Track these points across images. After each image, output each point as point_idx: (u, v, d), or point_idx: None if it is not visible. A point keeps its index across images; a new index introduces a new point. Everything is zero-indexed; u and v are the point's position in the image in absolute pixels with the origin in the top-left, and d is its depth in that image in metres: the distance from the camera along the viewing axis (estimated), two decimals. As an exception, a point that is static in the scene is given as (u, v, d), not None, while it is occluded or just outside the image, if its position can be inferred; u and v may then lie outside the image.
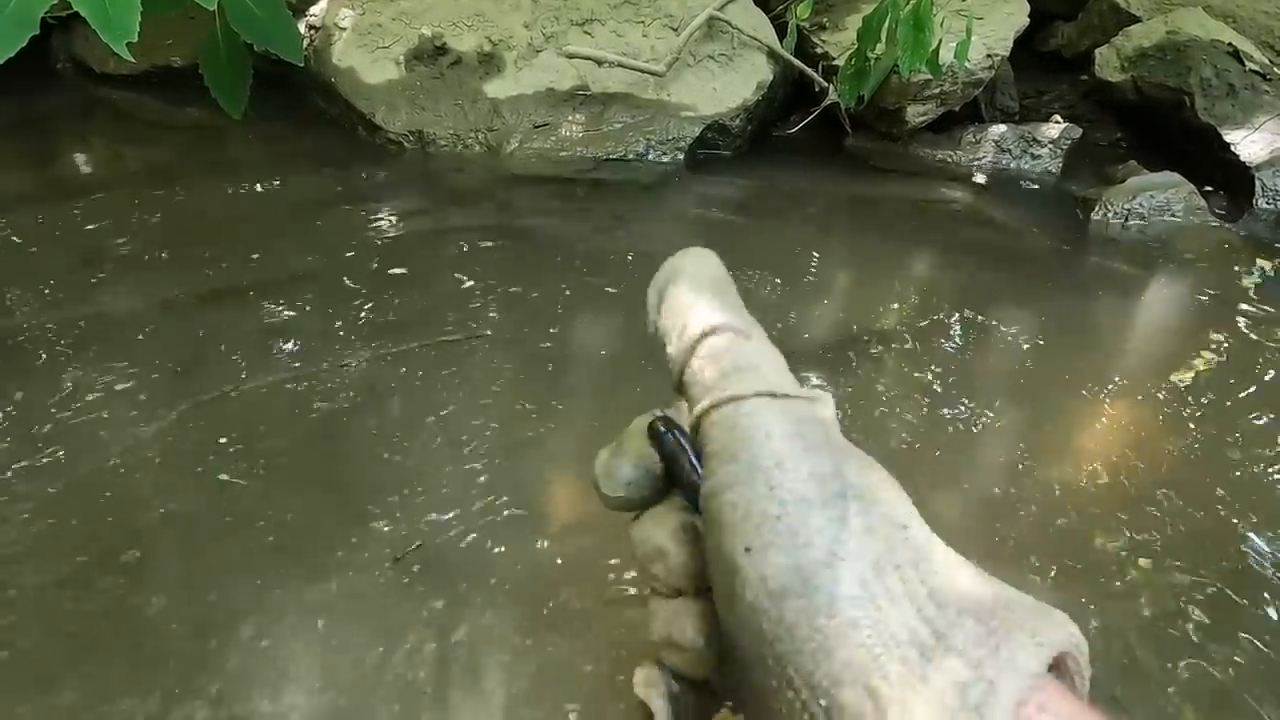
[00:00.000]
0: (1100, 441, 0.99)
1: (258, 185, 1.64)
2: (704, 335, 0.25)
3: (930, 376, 1.09)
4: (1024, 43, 1.88)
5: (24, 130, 1.83)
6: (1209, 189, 1.71)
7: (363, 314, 1.15)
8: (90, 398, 0.96)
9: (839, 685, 0.19)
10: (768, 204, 1.70)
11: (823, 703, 0.19)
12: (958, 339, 1.19)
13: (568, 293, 1.25)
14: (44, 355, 1.04)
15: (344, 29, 1.83)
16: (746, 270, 1.34)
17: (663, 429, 0.27)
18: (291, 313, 1.15)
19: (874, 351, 1.14)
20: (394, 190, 1.63)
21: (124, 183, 1.59)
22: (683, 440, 0.27)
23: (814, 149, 1.91)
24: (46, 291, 1.17)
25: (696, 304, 0.26)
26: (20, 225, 1.39)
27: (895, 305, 1.28)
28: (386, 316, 1.15)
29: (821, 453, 0.23)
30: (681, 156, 1.76)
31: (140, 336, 1.08)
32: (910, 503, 0.23)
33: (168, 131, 1.88)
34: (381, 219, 1.48)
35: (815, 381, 1.08)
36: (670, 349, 0.26)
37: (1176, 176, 1.63)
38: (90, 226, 1.39)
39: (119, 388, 0.98)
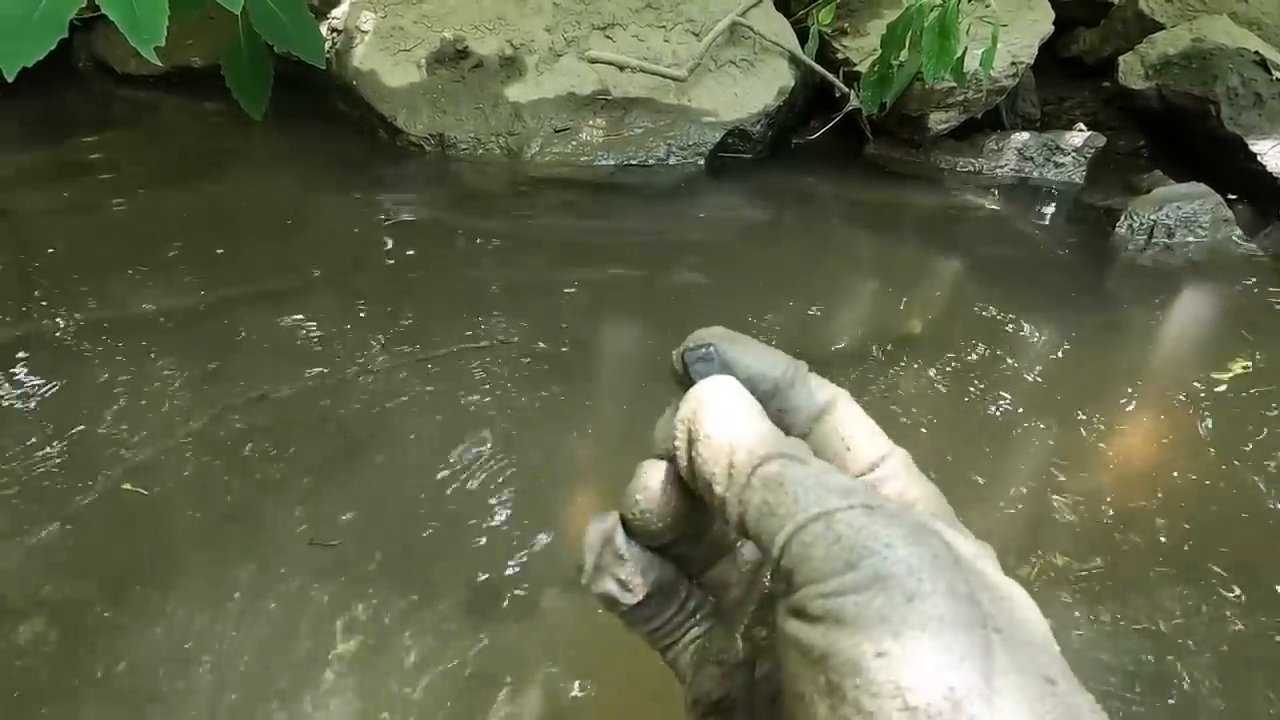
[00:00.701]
0: (1122, 454, 0.98)
1: (279, 187, 1.65)
2: (756, 468, 0.24)
3: (952, 385, 1.08)
4: (1045, 48, 1.86)
5: (46, 129, 1.84)
6: (1231, 197, 1.69)
7: (387, 318, 1.15)
8: (121, 400, 0.96)
9: None
10: (789, 210, 1.69)
11: None
12: (980, 348, 1.18)
13: (590, 298, 1.25)
14: (70, 357, 1.04)
15: (366, 32, 1.83)
16: (768, 277, 1.34)
17: (694, 354, 0.27)
18: (316, 317, 1.15)
19: (896, 360, 1.13)
20: (415, 194, 1.63)
21: (144, 183, 1.60)
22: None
23: (834, 155, 1.90)
24: (70, 293, 1.18)
25: (736, 436, 0.25)
26: (42, 226, 1.40)
27: (917, 314, 1.27)
28: (411, 321, 1.15)
29: (952, 570, 0.21)
30: (702, 162, 1.76)
31: (167, 339, 1.09)
32: (1054, 649, 0.21)
33: (188, 132, 1.88)
34: (403, 222, 1.48)
35: (840, 387, 1.07)
36: (720, 489, 0.24)
37: (1203, 187, 1.61)
38: (112, 228, 1.40)
39: (145, 393, 0.98)
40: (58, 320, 1.11)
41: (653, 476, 0.27)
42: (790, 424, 0.28)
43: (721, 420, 0.25)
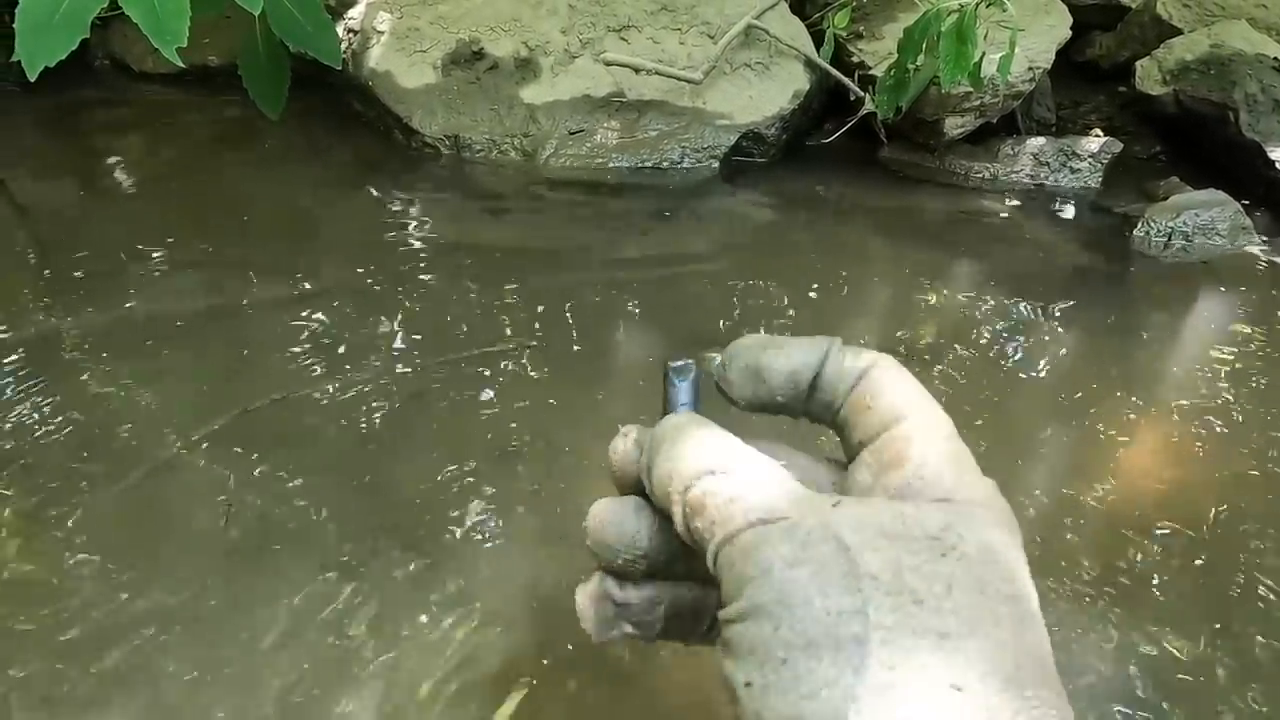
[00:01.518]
0: (1138, 462, 0.98)
1: (295, 187, 1.65)
2: (685, 492, 0.24)
3: (965, 391, 1.08)
4: (1061, 53, 1.86)
5: (63, 127, 1.86)
6: (1246, 202, 1.68)
7: (402, 321, 1.16)
8: (134, 405, 0.97)
9: None
10: (802, 213, 1.69)
11: None
12: (994, 355, 1.18)
13: (604, 302, 1.25)
14: (86, 356, 1.05)
15: (382, 33, 1.83)
16: (780, 280, 1.33)
17: (673, 368, 0.28)
18: (332, 318, 1.15)
19: (909, 365, 1.13)
20: (430, 195, 1.64)
21: (160, 182, 1.61)
22: (682, 383, 0.28)
23: (848, 158, 1.90)
24: (86, 291, 1.18)
25: (674, 466, 0.25)
26: (59, 223, 1.41)
27: (930, 319, 1.27)
28: (426, 323, 1.15)
29: (836, 584, 0.20)
30: (716, 164, 1.76)
31: (183, 339, 1.09)
32: (1000, 644, 0.19)
33: (204, 131, 1.89)
34: (418, 224, 1.48)
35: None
36: (675, 520, 0.25)
37: (1221, 194, 1.60)
38: (128, 227, 1.41)
39: (162, 395, 0.99)
40: (74, 318, 1.12)
41: (607, 516, 0.28)
42: (830, 399, 0.28)
43: (666, 455, 0.25)
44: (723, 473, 0.23)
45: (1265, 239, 1.61)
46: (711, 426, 0.26)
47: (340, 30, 1.87)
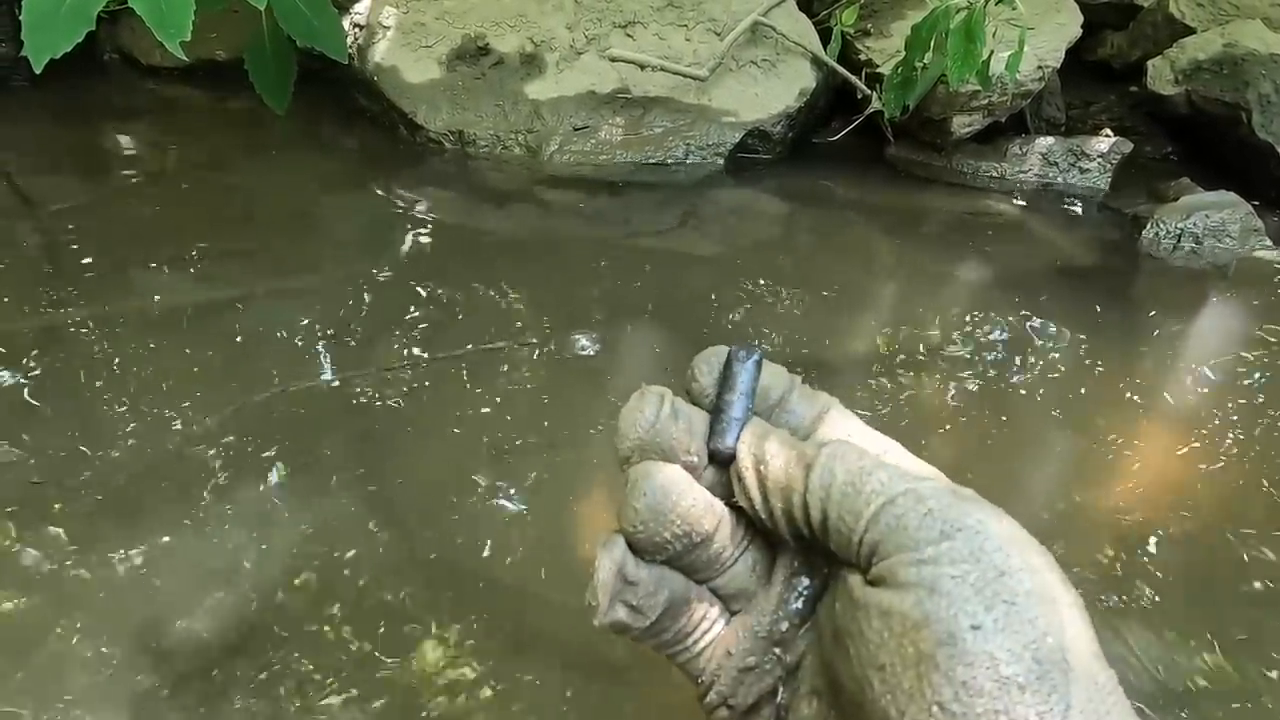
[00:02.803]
0: (1146, 465, 0.97)
1: (300, 181, 1.66)
2: (822, 450, 0.26)
3: (971, 393, 1.07)
4: (1072, 51, 1.84)
5: (71, 121, 1.86)
6: (1256, 203, 1.66)
7: (405, 316, 1.16)
8: (142, 394, 0.97)
9: None
10: (808, 212, 1.68)
11: None
12: (1000, 356, 1.17)
13: (607, 299, 1.24)
14: (91, 349, 1.05)
15: (388, 27, 1.83)
16: (785, 279, 1.33)
17: (737, 353, 0.29)
18: (334, 313, 1.15)
19: (914, 366, 1.12)
20: (434, 190, 1.64)
21: (167, 176, 1.61)
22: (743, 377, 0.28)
23: (854, 157, 1.89)
24: (92, 284, 1.19)
25: (796, 445, 0.27)
26: (66, 217, 1.41)
27: (937, 321, 1.26)
28: (428, 319, 1.15)
29: (1032, 547, 0.22)
30: (721, 162, 1.75)
31: (188, 332, 1.09)
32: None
33: (211, 124, 1.90)
34: (422, 219, 1.48)
35: (859, 394, 1.06)
36: (798, 485, 0.26)
37: (1233, 196, 1.58)
38: (135, 220, 1.41)
39: (165, 387, 0.99)
40: (79, 311, 1.12)
41: (656, 482, 0.27)
42: (794, 429, 0.29)
43: (782, 447, 0.27)
44: (863, 452, 0.26)
45: (1276, 240, 1.59)
46: (864, 451, 0.27)
47: (346, 25, 1.87)
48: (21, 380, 0.98)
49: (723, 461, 0.28)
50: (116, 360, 1.03)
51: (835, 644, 0.23)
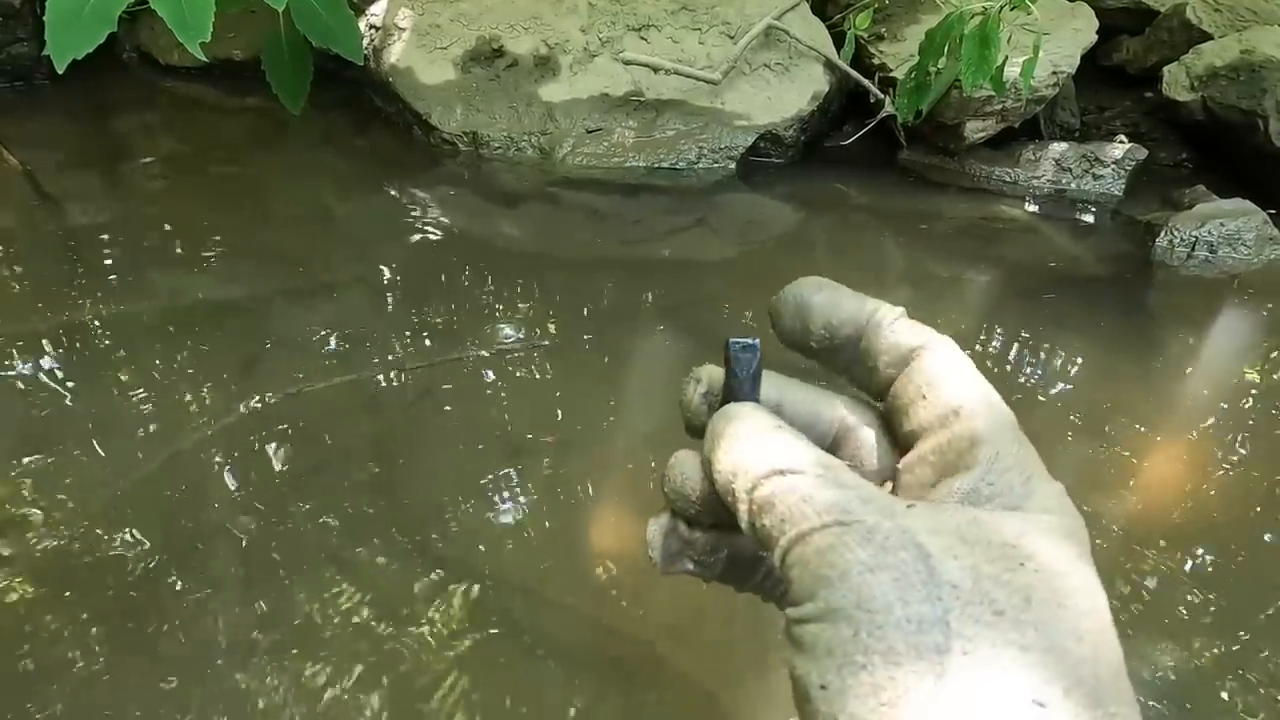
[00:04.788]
0: (1156, 475, 0.97)
1: (315, 181, 1.67)
2: (753, 491, 0.23)
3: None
4: (1087, 56, 1.83)
5: (91, 120, 1.89)
6: (1273, 211, 1.64)
7: (418, 317, 1.17)
8: (159, 392, 0.98)
9: None
10: (819, 215, 1.68)
11: None
12: (1011, 363, 1.17)
13: (618, 301, 1.25)
14: (108, 347, 1.07)
15: (403, 29, 1.84)
16: (799, 286, 1.33)
17: (737, 349, 0.27)
18: (348, 314, 1.17)
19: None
20: (447, 192, 1.65)
21: (184, 175, 1.63)
22: (745, 369, 0.27)
23: (866, 161, 1.89)
24: (110, 283, 1.21)
25: (739, 462, 0.24)
26: (85, 215, 1.43)
27: (947, 326, 1.25)
28: (441, 320, 1.16)
29: (916, 591, 0.19)
30: (733, 165, 1.75)
31: (203, 331, 1.11)
32: (1080, 658, 0.19)
33: (228, 125, 1.92)
34: (435, 220, 1.49)
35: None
36: (739, 516, 0.24)
37: (1248, 204, 1.57)
38: (152, 219, 1.43)
39: (181, 385, 1.00)
40: (98, 307, 1.14)
41: (683, 469, 0.27)
42: (873, 372, 0.27)
43: (728, 449, 0.25)
44: (792, 472, 0.23)
45: (1292, 250, 1.58)
46: (775, 420, 0.25)
47: (362, 26, 1.89)
48: (40, 376, 1.00)
49: None
50: (134, 358, 1.05)
51: None
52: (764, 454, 0.24)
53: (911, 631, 0.19)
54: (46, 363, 1.02)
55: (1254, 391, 1.14)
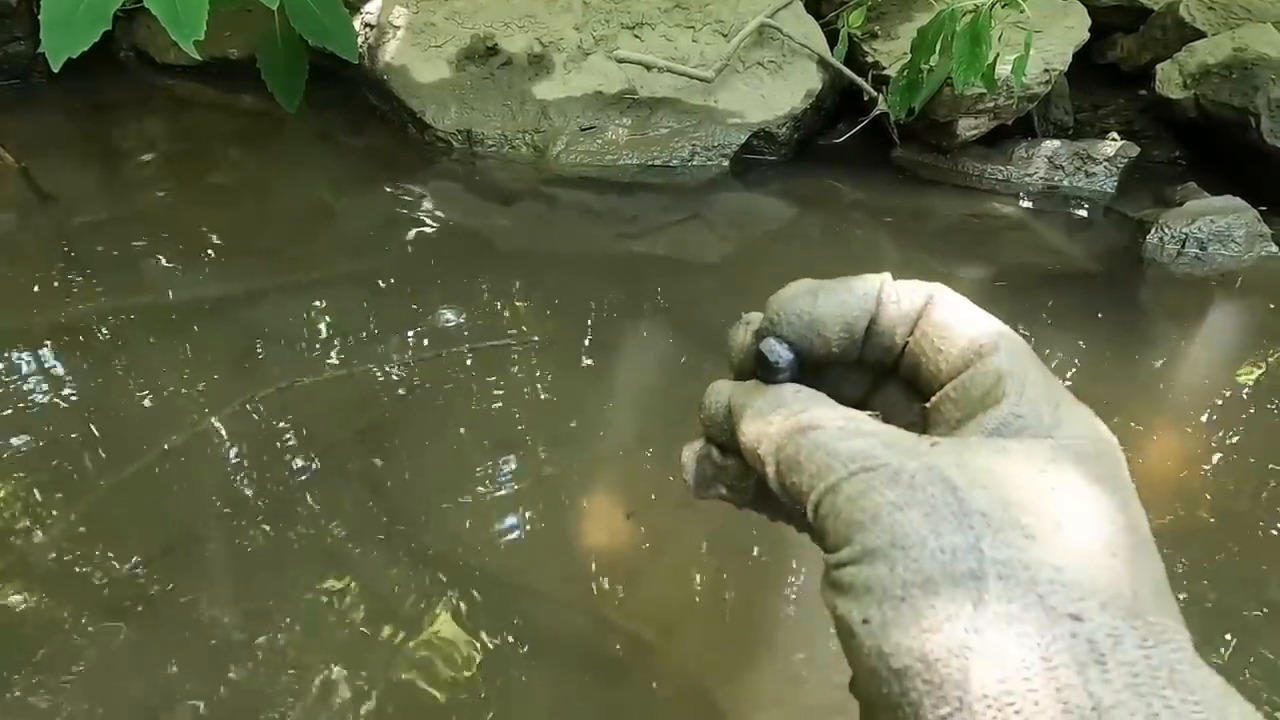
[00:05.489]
0: (1148, 471, 0.97)
1: (309, 179, 1.68)
2: (778, 452, 0.24)
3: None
4: (1080, 54, 1.83)
5: (88, 118, 1.89)
6: (1264, 209, 1.65)
7: (411, 314, 1.17)
8: (156, 387, 0.99)
9: None
10: (812, 213, 1.69)
11: None
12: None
13: (612, 299, 1.26)
14: (104, 342, 1.07)
15: (398, 27, 1.85)
16: (790, 280, 1.33)
17: (769, 338, 0.27)
18: (341, 310, 1.17)
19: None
20: (442, 189, 1.65)
21: (180, 172, 1.64)
22: (779, 351, 0.27)
23: (860, 158, 1.89)
24: (106, 279, 1.21)
25: (763, 433, 0.25)
26: (82, 212, 1.44)
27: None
28: (434, 317, 1.17)
29: (947, 522, 0.20)
30: (727, 163, 1.76)
31: (198, 327, 1.12)
32: (1117, 574, 0.19)
33: (224, 122, 1.92)
34: (429, 218, 1.50)
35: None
36: (766, 470, 0.25)
37: (1239, 201, 1.58)
38: (148, 216, 1.44)
39: (176, 380, 1.01)
40: (93, 305, 1.15)
41: (718, 396, 0.28)
42: (889, 344, 0.28)
43: (752, 417, 0.26)
44: (815, 428, 0.23)
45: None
46: (794, 385, 0.26)
47: (357, 24, 1.89)
48: (35, 372, 1.00)
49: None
50: (129, 354, 1.05)
51: None
52: (786, 415, 0.25)
53: (946, 561, 0.19)
54: (41, 359, 1.03)
55: (1244, 388, 1.15)
